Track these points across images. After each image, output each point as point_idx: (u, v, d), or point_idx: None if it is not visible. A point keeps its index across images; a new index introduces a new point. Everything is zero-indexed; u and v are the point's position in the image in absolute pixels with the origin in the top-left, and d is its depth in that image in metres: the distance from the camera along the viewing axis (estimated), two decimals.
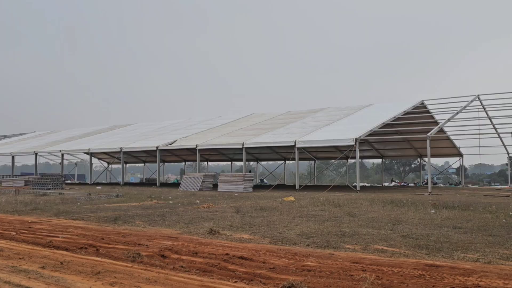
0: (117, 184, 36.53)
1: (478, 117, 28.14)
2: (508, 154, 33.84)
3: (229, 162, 48.53)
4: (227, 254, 6.39)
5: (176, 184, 36.16)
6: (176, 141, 31.94)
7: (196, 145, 29.32)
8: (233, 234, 8.36)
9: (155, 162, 34.38)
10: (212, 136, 31.38)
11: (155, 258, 6.23)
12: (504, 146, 32.66)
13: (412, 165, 74.17)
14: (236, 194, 21.72)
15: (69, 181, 43.50)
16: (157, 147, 31.21)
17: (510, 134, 20.96)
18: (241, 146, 27.42)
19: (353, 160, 39.61)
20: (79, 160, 51.44)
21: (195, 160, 31.38)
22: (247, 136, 29.12)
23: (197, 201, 16.56)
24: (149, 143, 33.02)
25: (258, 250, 6.72)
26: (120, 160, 35.51)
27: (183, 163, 51.49)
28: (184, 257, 6.26)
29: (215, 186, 27.27)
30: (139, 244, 7.28)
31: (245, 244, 7.39)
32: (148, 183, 42.21)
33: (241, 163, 30.33)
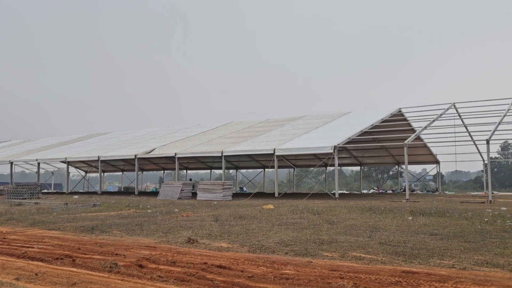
0: (95, 193, 36.08)
1: (454, 125, 28.65)
2: (484, 161, 34.47)
3: (208, 170, 48.39)
4: (205, 263, 6.36)
5: (155, 193, 35.90)
6: (154, 149, 31.74)
7: (175, 154, 29.18)
8: (211, 243, 8.32)
9: (134, 170, 34.13)
10: (191, 144, 31.28)
11: (133, 268, 6.16)
12: (480, 153, 33.28)
13: (390, 172, 75.04)
14: (215, 202, 21.66)
15: (45, 191, 42.76)
16: (135, 156, 30.95)
17: (485, 142, 21.36)
18: (220, 154, 27.38)
19: (332, 168, 39.84)
20: (55, 169, 50.68)
21: (174, 169, 31.21)
22: (226, 144, 29.10)
23: (176, 210, 16.45)
24: (127, 152, 32.73)
25: (236, 259, 6.70)
26: (98, 168, 35.11)
27: (162, 171, 51.16)
28: (162, 267, 6.21)
29: (194, 194, 27.15)
30: (116, 254, 7.19)
31: (223, 252, 7.36)
32: (127, 191, 41.81)
33: (221, 171, 30.28)
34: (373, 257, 6.83)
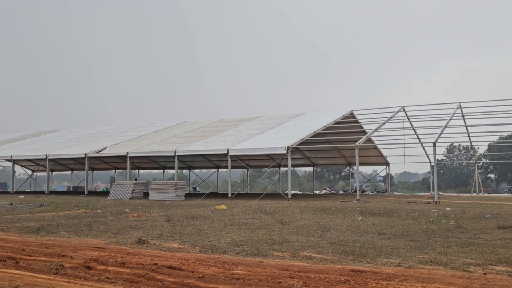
0: (42, 192, 34.93)
1: (403, 128, 29.51)
2: (431, 163, 35.68)
3: (161, 170, 47.79)
4: (155, 264, 6.27)
5: (105, 193, 35.11)
6: (106, 148, 31.07)
7: (127, 153, 28.66)
8: (162, 244, 8.22)
9: (84, 170, 33.26)
10: (144, 144, 30.80)
11: (80, 269, 6.00)
12: (427, 155, 34.44)
13: (342, 173, 76.53)
14: (167, 202, 21.42)
15: None
16: (85, 155, 30.18)
17: (432, 144, 22.12)
18: (173, 154, 27.11)
19: (285, 168, 40.18)
20: (0, 167, 48.67)
21: (126, 168, 30.64)
22: (180, 144, 28.84)
23: (127, 210, 16.16)
24: (77, 150, 31.87)
25: (187, 259, 6.65)
26: (46, 167, 33.97)
27: (114, 171, 50.11)
28: (110, 268, 6.07)
29: (146, 194, 26.75)
30: (63, 256, 6.98)
31: (174, 253, 7.28)
32: (76, 191, 40.70)
33: (174, 171, 29.98)
34: (323, 256, 6.93)
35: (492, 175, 72.21)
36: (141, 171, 50.10)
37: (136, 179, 41.55)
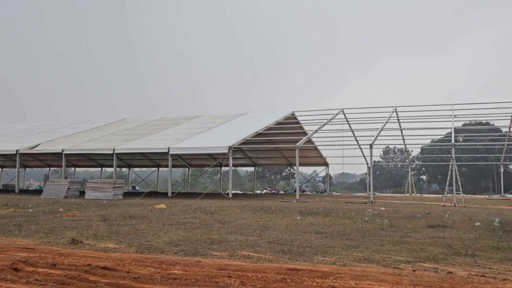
0: None
1: (342, 129, 30.32)
2: (367, 164, 36.82)
3: (99, 168, 46.50)
4: (89, 264, 6.07)
5: (38, 191, 33.72)
6: (39, 144, 29.82)
7: (62, 150, 27.66)
8: (97, 244, 7.98)
9: (15, 167, 31.79)
10: (81, 141, 29.84)
11: (6, 271, 5.70)
12: (364, 157, 35.51)
13: (283, 173, 77.41)
14: (105, 201, 20.86)
15: None
16: (17, 151, 28.83)
17: (368, 146, 22.85)
18: (111, 152, 26.44)
19: (226, 168, 40.20)
20: None
21: (61, 166, 29.55)
22: (119, 142, 28.17)
23: (61, 209, 15.58)
24: (8, 146, 30.38)
25: (123, 260, 6.48)
26: None
27: (48, 168, 48.21)
28: (40, 270, 5.82)
29: (82, 193, 25.93)
30: None
31: (109, 253, 7.08)
32: (6, 190, 38.76)
33: (112, 169, 29.23)
34: (261, 255, 6.97)
35: (424, 177, 75.47)
36: (77, 169, 48.55)
37: (66, 177, 40.04)
